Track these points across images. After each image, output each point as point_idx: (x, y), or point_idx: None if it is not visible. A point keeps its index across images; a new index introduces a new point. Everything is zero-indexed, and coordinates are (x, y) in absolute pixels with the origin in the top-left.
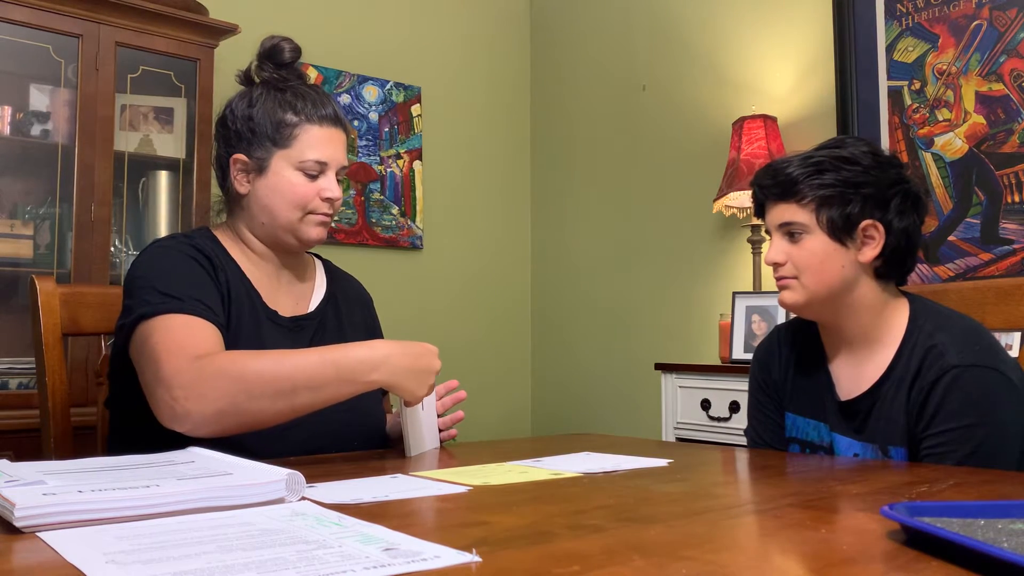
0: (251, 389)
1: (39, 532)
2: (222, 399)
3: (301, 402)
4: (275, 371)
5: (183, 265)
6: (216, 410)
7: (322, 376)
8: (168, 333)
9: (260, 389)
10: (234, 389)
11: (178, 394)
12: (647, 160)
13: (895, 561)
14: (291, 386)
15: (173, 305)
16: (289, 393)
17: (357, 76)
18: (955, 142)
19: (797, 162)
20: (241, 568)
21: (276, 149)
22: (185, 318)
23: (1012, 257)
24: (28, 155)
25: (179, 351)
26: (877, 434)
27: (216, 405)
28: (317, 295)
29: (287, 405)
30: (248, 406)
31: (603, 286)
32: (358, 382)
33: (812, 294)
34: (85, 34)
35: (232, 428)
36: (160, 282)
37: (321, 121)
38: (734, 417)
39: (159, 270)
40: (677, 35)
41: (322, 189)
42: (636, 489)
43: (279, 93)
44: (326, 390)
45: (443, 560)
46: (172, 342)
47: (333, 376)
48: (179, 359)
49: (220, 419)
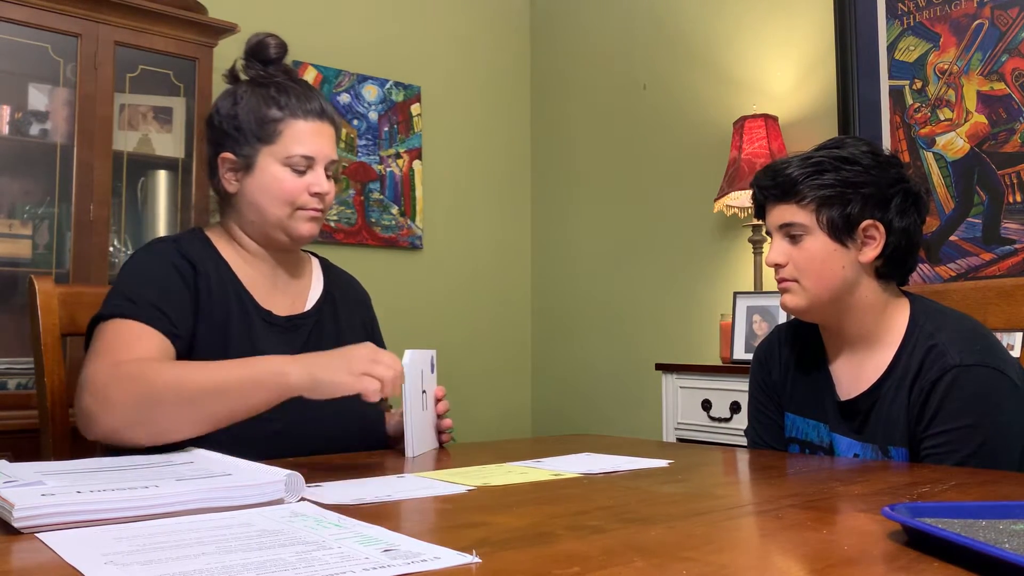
0: (156, 394)
1: (38, 533)
2: (129, 405)
3: (209, 410)
4: (182, 377)
5: (155, 271)
6: (123, 417)
7: (229, 380)
8: (108, 336)
9: (165, 395)
10: (140, 394)
11: (88, 399)
12: (648, 160)
13: (896, 562)
14: (197, 392)
15: (125, 309)
16: (195, 400)
17: (357, 75)
18: (956, 142)
19: (797, 163)
20: (240, 569)
21: (262, 146)
22: (131, 323)
23: (1014, 257)
24: (27, 155)
25: (107, 354)
26: (877, 434)
27: (123, 411)
28: (313, 294)
29: (195, 413)
30: (153, 413)
31: (603, 286)
32: (269, 384)
33: (814, 297)
34: (84, 33)
35: (142, 438)
36: (127, 287)
37: (306, 115)
38: (735, 417)
39: (131, 275)
40: (677, 34)
41: (310, 184)
42: (636, 490)
43: (263, 89)
44: (234, 395)
45: (443, 561)
46: (107, 345)
47: (242, 379)
48: (102, 363)
49: (127, 428)
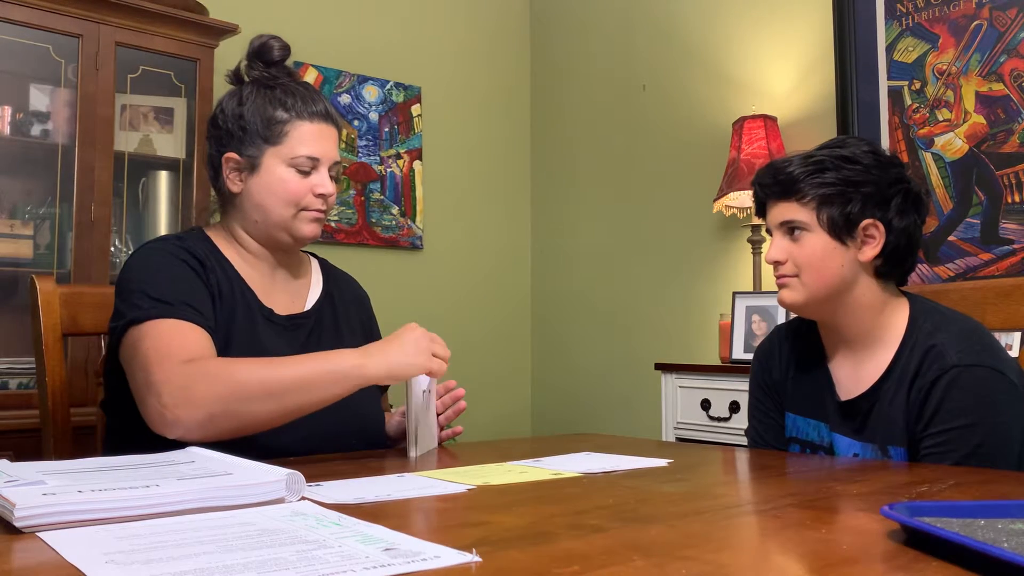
0: (241, 392)
1: (39, 532)
2: (212, 403)
3: (291, 403)
4: (264, 374)
5: (173, 268)
6: (206, 415)
7: (310, 373)
8: (158, 339)
9: (249, 392)
10: (224, 393)
11: (167, 401)
12: (647, 160)
13: (895, 561)
14: (281, 388)
15: (162, 310)
16: (279, 395)
17: (357, 76)
18: (955, 142)
19: (798, 161)
20: (241, 568)
21: (267, 146)
22: (174, 323)
23: (1012, 257)
24: (28, 155)
25: (168, 356)
26: (877, 434)
27: (206, 410)
28: (313, 294)
29: (277, 407)
30: (238, 409)
31: (603, 286)
32: (349, 377)
33: (811, 293)
34: (85, 34)
35: (225, 432)
36: (150, 286)
37: (312, 117)
38: (734, 417)
39: (149, 274)
40: (677, 35)
41: (315, 185)
42: (636, 489)
43: (269, 91)
44: (315, 390)
45: (443, 560)
46: (162, 347)
47: (322, 371)
48: (169, 365)
49: (211, 423)
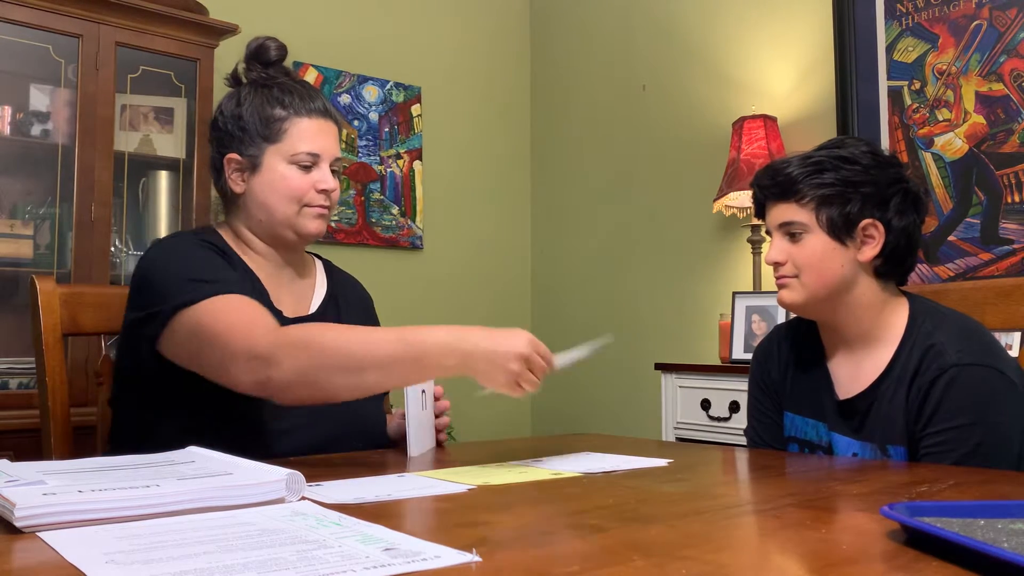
0: (323, 362)
1: (39, 532)
2: (296, 368)
3: (370, 380)
4: (348, 346)
5: (205, 254)
6: (290, 379)
7: (394, 355)
8: (226, 314)
9: (332, 362)
10: (308, 359)
11: (256, 364)
12: (647, 160)
13: (895, 561)
14: (360, 363)
15: (216, 287)
16: (358, 370)
17: (357, 76)
18: (955, 142)
19: (797, 162)
20: (241, 568)
21: (267, 145)
22: (233, 297)
23: (1012, 257)
24: (28, 155)
25: (249, 325)
26: (875, 433)
27: (290, 375)
28: (318, 295)
29: (356, 381)
30: (318, 377)
31: (603, 286)
32: (430, 365)
33: (811, 293)
34: (85, 34)
35: (305, 398)
36: (190, 271)
37: (310, 113)
38: (734, 417)
39: (183, 261)
40: (677, 35)
41: (317, 181)
42: (636, 489)
43: (266, 90)
44: (396, 370)
45: (443, 560)
46: (236, 320)
47: (405, 355)
48: (253, 331)
49: (293, 388)
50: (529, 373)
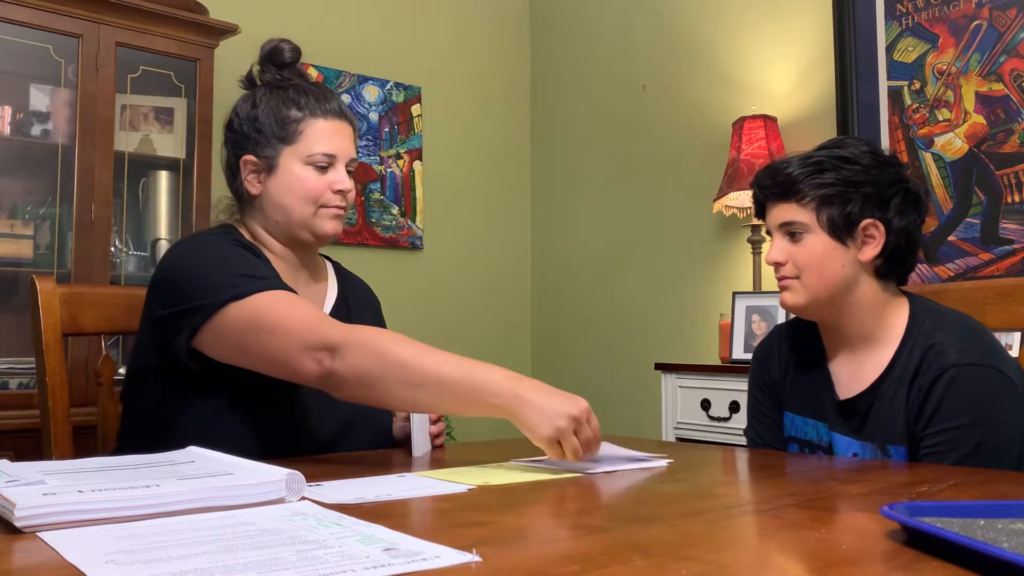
0: (387, 369)
1: (39, 532)
2: (361, 367)
3: (425, 398)
4: (413, 360)
5: (242, 251)
6: (352, 376)
7: (453, 379)
8: (286, 308)
9: (395, 371)
10: (374, 362)
11: (324, 355)
12: (647, 160)
13: (895, 561)
14: (422, 380)
15: (265, 284)
16: (418, 385)
17: (357, 76)
18: (955, 142)
19: (797, 162)
20: (241, 568)
21: (283, 146)
22: (285, 293)
23: (1012, 257)
24: (28, 155)
25: (319, 318)
26: (876, 433)
27: (353, 372)
28: (330, 298)
29: (413, 395)
30: (378, 382)
31: (603, 286)
32: (481, 399)
33: (813, 295)
34: (85, 34)
35: (358, 398)
36: (235, 267)
37: (326, 115)
38: (734, 417)
39: (224, 258)
40: (677, 35)
41: (333, 182)
42: (636, 489)
43: (282, 91)
44: (450, 395)
45: (443, 560)
46: (302, 313)
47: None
48: (323, 324)
49: (351, 385)
50: (574, 437)
